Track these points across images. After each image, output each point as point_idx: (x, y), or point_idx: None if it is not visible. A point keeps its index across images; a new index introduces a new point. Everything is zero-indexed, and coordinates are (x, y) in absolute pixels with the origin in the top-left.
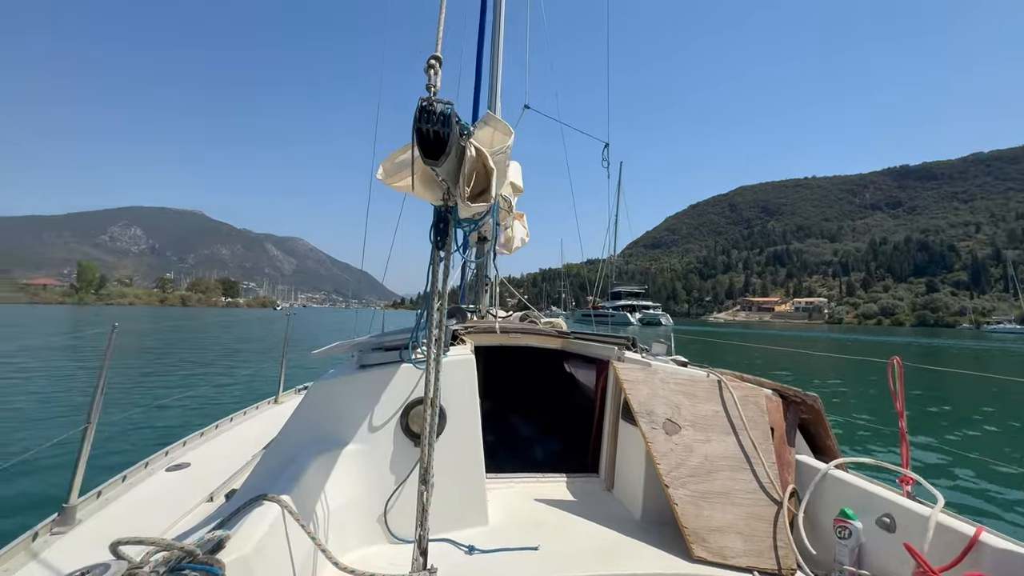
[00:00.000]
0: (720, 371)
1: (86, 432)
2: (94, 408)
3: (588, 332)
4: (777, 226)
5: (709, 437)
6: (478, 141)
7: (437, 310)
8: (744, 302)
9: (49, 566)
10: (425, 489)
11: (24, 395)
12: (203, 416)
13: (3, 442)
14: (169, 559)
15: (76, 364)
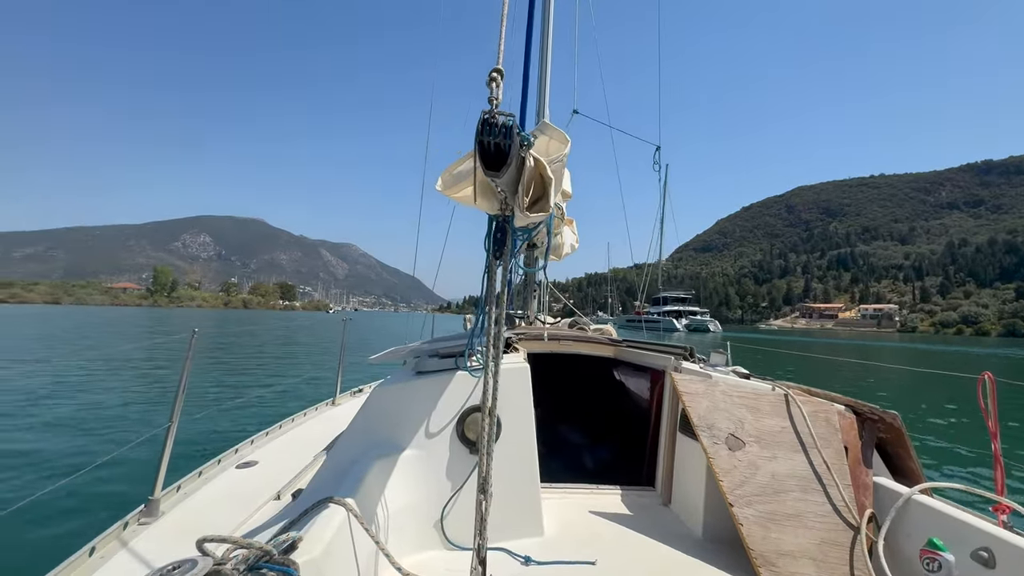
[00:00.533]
0: (785, 384)
1: (169, 430)
2: (176, 408)
3: (641, 340)
4: (840, 228)
5: (776, 454)
6: (535, 150)
7: (495, 320)
8: (804, 308)
9: (139, 554)
10: (484, 498)
11: (113, 394)
12: (264, 416)
13: (97, 438)
14: (248, 557)
15: (152, 365)
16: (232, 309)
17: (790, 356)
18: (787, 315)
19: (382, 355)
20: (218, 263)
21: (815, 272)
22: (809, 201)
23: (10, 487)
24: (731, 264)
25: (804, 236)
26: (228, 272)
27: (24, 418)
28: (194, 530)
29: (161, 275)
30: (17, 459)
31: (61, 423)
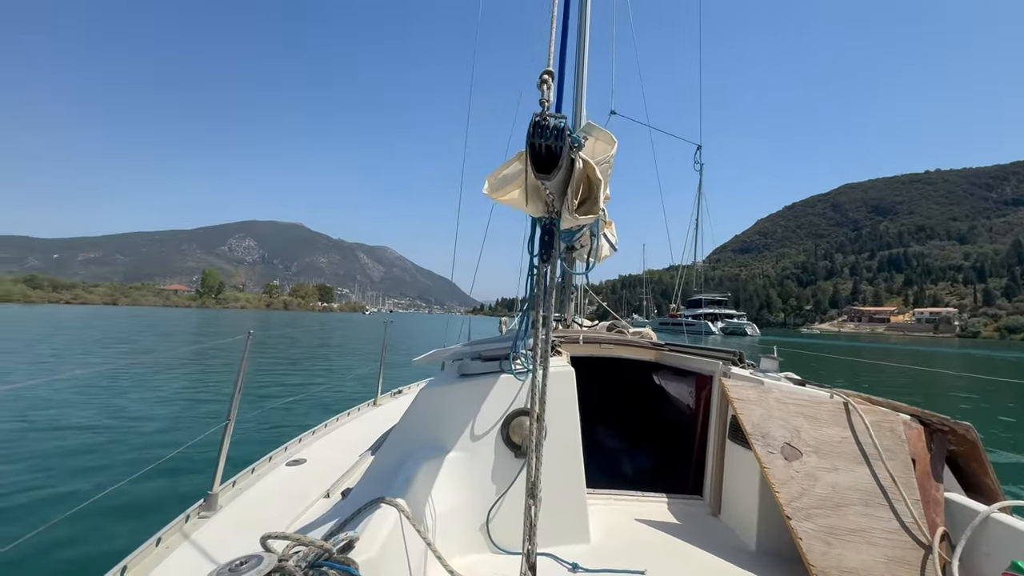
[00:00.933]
0: (843, 391)
1: (226, 428)
2: (233, 406)
3: (684, 344)
4: (891, 227)
5: (836, 465)
6: (583, 152)
7: (543, 324)
8: (852, 311)
9: (200, 546)
10: (533, 503)
11: (171, 392)
12: (310, 415)
13: (159, 435)
14: (308, 554)
15: (204, 365)
16: (274, 310)
17: (840, 361)
18: (834, 319)
19: (425, 357)
20: (262, 266)
21: (864, 274)
22: (857, 199)
23: (85, 480)
24: (772, 265)
25: (852, 236)
26: (271, 275)
27: (96, 414)
28: (250, 524)
29: (209, 278)
30: (93, 454)
31: (126, 420)
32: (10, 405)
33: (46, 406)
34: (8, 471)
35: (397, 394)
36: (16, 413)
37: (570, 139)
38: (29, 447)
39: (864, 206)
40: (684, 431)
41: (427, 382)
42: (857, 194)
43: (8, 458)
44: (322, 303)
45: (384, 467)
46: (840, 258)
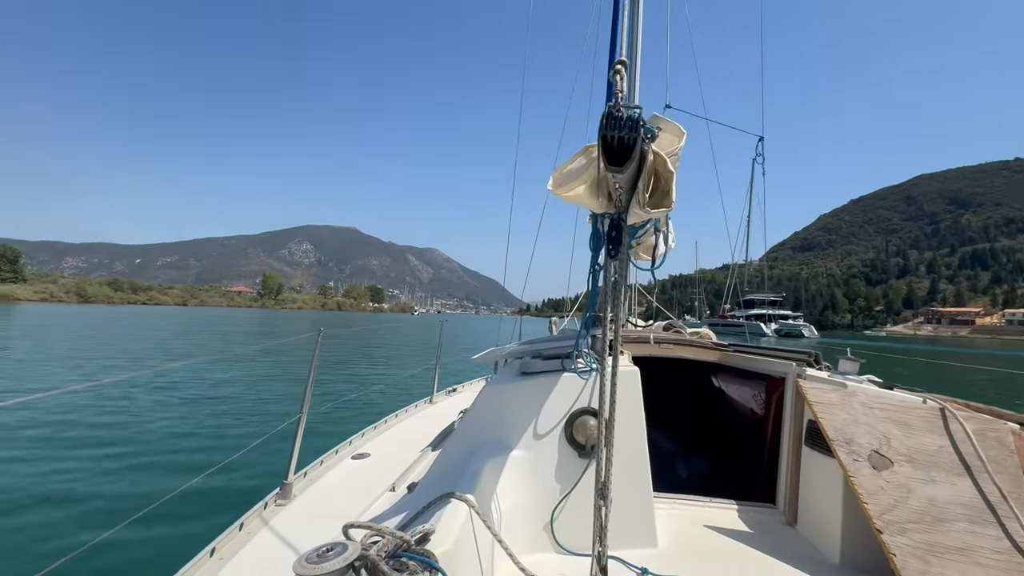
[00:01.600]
0: (939, 396)
1: (299, 421)
2: (305, 400)
3: (750, 345)
4: (974, 220)
5: (933, 477)
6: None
7: (611, 321)
8: (930, 313)
9: (279, 532)
10: (604, 504)
11: (246, 388)
12: (370, 411)
13: (238, 426)
14: (387, 545)
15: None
16: (328, 311)
17: (916, 364)
18: (908, 320)
19: (483, 355)
20: (318, 268)
21: (943, 271)
22: (933, 191)
23: (176, 467)
24: (837, 263)
25: (928, 231)
26: (326, 277)
27: (184, 408)
28: (323, 513)
29: (269, 280)
30: (184, 441)
31: (207, 414)
32: (107, 397)
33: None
34: (114, 454)
35: (452, 392)
36: (114, 405)
37: (643, 130)
38: (129, 435)
39: (941, 198)
40: (747, 435)
41: (487, 380)
42: (933, 185)
43: (116, 441)
44: (373, 304)
45: (449, 463)
46: (915, 254)
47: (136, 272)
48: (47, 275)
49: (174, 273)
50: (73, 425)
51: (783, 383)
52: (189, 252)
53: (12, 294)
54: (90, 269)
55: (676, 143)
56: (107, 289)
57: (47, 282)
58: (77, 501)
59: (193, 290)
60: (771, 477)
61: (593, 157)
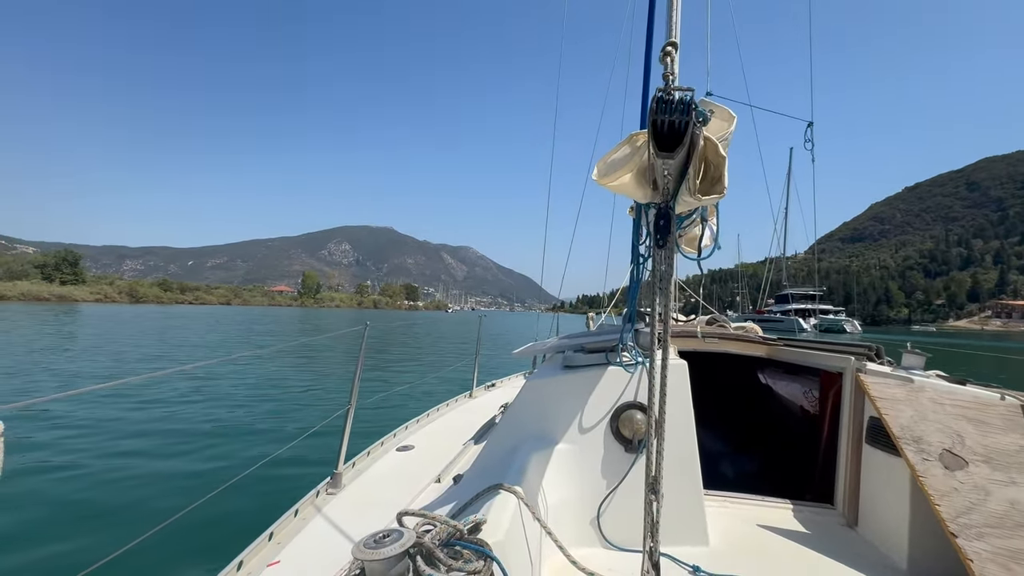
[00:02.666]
0: (1021, 393)
1: (348, 412)
2: (353, 393)
3: (801, 339)
4: None
5: (1014, 479)
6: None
7: (660, 314)
8: (998, 306)
9: (331, 519)
10: (655, 499)
11: (296, 381)
12: (413, 405)
13: (289, 417)
14: (440, 533)
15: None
16: (364, 309)
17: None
18: (974, 314)
19: (524, 350)
20: (356, 268)
21: (1013, 261)
22: (1001, 175)
23: (233, 457)
24: (891, 255)
25: (994, 218)
26: (364, 276)
27: (239, 401)
28: (373, 502)
29: (308, 279)
30: (238, 432)
31: (261, 406)
32: (167, 388)
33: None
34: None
35: (491, 387)
36: (174, 395)
37: (695, 114)
38: (185, 427)
39: (1011, 182)
40: (798, 433)
41: (527, 374)
42: (1000, 168)
43: (174, 432)
44: (408, 302)
45: (494, 455)
46: (979, 244)
47: (188, 273)
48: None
49: (223, 274)
50: (135, 414)
51: (840, 378)
52: (236, 254)
53: (70, 295)
54: (147, 271)
55: (726, 128)
56: (157, 290)
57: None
58: (144, 487)
59: (237, 290)
60: (827, 477)
61: (638, 146)
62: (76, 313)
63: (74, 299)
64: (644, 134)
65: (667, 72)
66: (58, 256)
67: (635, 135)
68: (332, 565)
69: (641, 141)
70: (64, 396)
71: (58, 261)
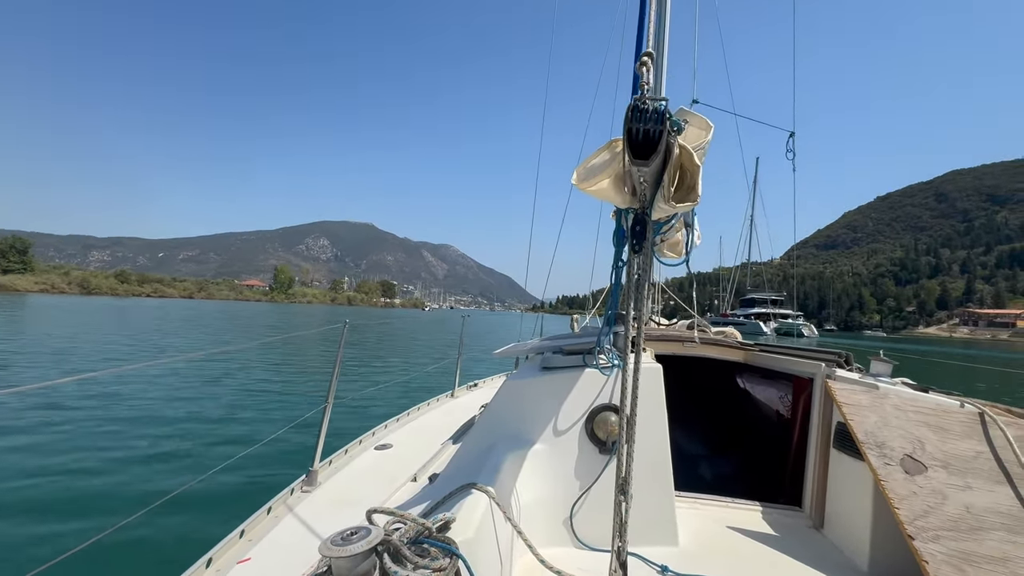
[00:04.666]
0: (978, 401)
1: (325, 410)
2: (331, 391)
3: (776, 344)
4: (1012, 218)
5: (969, 484)
6: (680, 138)
7: (634, 318)
8: (966, 314)
9: (304, 517)
10: (624, 500)
11: (270, 378)
12: (391, 404)
13: (261, 416)
14: (409, 531)
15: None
16: (338, 305)
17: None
18: (943, 322)
19: (505, 350)
20: (334, 264)
21: (978, 271)
22: (967, 187)
23: (203, 454)
24: (863, 262)
25: (961, 228)
26: (342, 272)
27: (214, 396)
28: (347, 500)
29: (281, 274)
30: (211, 427)
31: (236, 402)
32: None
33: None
34: (144, 441)
35: (473, 387)
36: (141, 393)
37: (669, 123)
38: (158, 423)
39: (976, 194)
40: (772, 436)
41: (509, 374)
42: (967, 181)
43: (145, 428)
44: (385, 299)
45: (470, 455)
46: (947, 253)
47: (158, 266)
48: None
49: (194, 267)
50: (105, 411)
51: (811, 384)
52: (209, 247)
53: (12, 285)
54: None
55: (703, 137)
56: (112, 281)
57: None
58: (110, 485)
59: (203, 283)
60: (797, 480)
61: (617, 152)
62: (5, 304)
63: (15, 289)
64: (621, 140)
65: (643, 81)
66: (4, 243)
67: (614, 141)
68: (303, 563)
69: (620, 147)
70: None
71: (4, 248)
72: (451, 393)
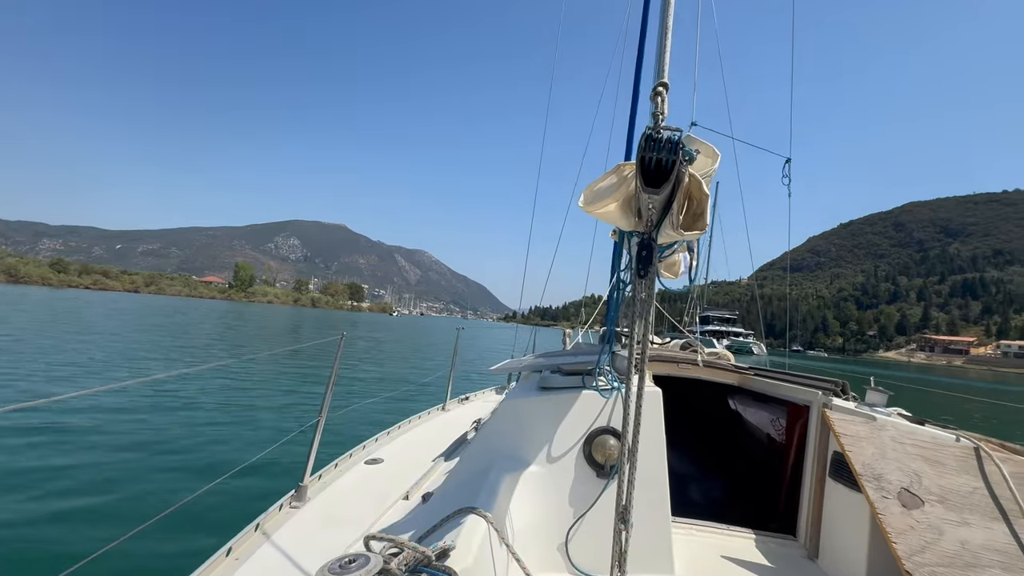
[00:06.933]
0: (972, 435)
1: (318, 424)
2: (324, 404)
3: (772, 368)
4: (963, 249)
5: (966, 519)
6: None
7: (638, 342)
8: (923, 340)
9: (294, 534)
10: (624, 528)
11: (260, 389)
12: (380, 416)
13: (254, 429)
14: (408, 559)
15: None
16: (301, 307)
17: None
18: (901, 346)
19: (501, 366)
20: (303, 264)
21: (934, 299)
22: (923, 219)
23: (200, 469)
24: (827, 286)
25: (917, 258)
26: (311, 273)
27: (202, 411)
28: (338, 517)
29: (241, 270)
30: (199, 443)
31: (224, 416)
32: None
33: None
34: (133, 457)
35: (464, 400)
36: (132, 408)
37: (682, 153)
38: (148, 438)
39: (932, 226)
40: (763, 462)
41: (500, 388)
42: (924, 213)
43: (134, 444)
44: (352, 302)
45: (465, 475)
46: (905, 281)
47: (115, 258)
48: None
49: (154, 261)
50: (89, 426)
51: (807, 411)
52: (172, 240)
53: None
54: (67, 252)
55: (710, 165)
56: (45, 270)
57: None
58: (96, 504)
59: (154, 276)
60: (791, 507)
61: (624, 176)
62: None
63: None
64: (630, 165)
65: (657, 111)
66: None
67: (622, 166)
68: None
69: (628, 172)
70: None
71: None
72: (443, 406)
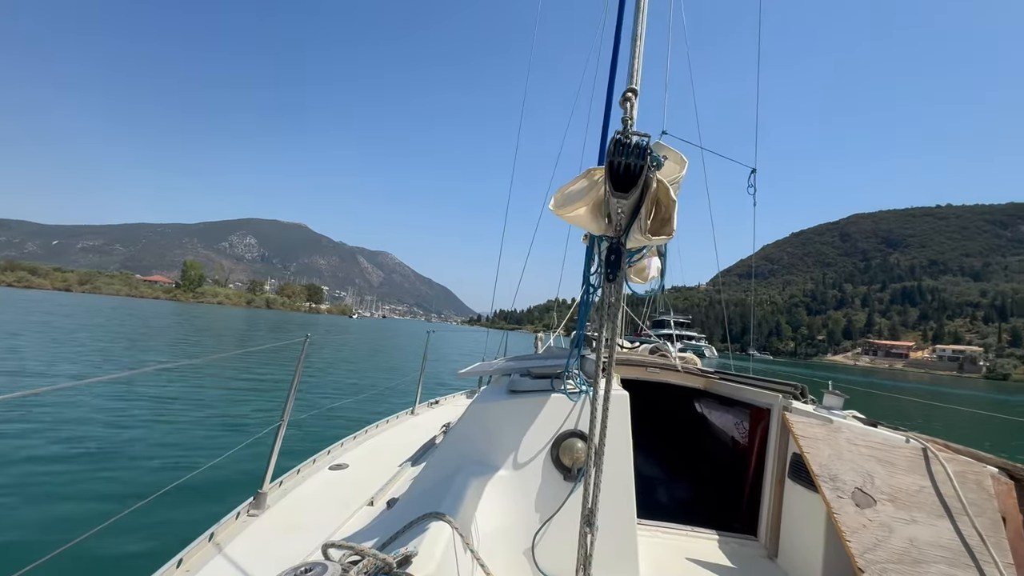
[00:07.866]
0: (921, 435)
1: (279, 429)
2: (286, 409)
3: (736, 373)
4: (902, 260)
5: (914, 517)
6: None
7: (606, 345)
8: (868, 344)
9: (252, 543)
10: (590, 532)
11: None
12: (348, 420)
13: (209, 435)
14: (367, 567)
15: None
16: (255, 308)
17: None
18: (848, 350)
19: (471, 369)
20: (261, 264)
21: (876, 305)
22: (867, 230)
23: (146, 476)
24: (779, 292)
25: (862, 267)
26: (269, 273)
27: (155, 413)
28: (298, 525)
29: (190, 269)
30: (157, 448)
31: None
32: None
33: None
34: (66, 470)
35: (434, 404)
36: (78, 409)
37: (650, 158)
38: (94, 442)
39: (875, 237)
40: (728, 464)
41: (471, 392)
42: (868, 224)
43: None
44: (310, 304)
45: (431, 480)
46: (850, 288)
47: (51, 255)
48: None
49: (95, 258)
50: (32, 429)
51: (768, 414)
52: (116, 237)
53: None
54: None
55: (678, 171)
56: None
57: None
58: (36, 512)
59: (88, 274)
60: (753, 508)
61: (594, 180)
62: None
63: None
64: (600, 170)
65: (626, 116)
66: None
67: (592, 170)
68: None
69: (598, 176)
70: None
71: None
72: (412, 410)
